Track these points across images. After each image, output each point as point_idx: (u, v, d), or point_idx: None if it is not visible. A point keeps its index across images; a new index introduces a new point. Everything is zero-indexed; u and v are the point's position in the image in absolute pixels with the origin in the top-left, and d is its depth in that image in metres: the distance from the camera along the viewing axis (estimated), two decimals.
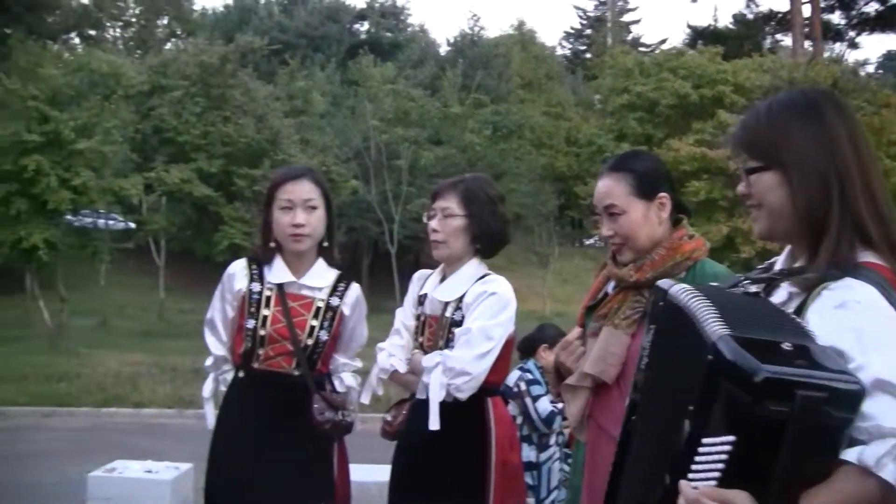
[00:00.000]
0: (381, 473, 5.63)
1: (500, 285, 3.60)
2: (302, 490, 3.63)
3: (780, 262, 2.13)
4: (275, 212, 3.69)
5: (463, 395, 3.48)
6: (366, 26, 46.72)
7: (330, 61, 38.68)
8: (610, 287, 3.07)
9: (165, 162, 23.84)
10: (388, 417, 3.82)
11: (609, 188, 2.98)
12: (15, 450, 9.91)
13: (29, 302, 22.47)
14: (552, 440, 5.38)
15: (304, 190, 3.67)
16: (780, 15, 42.01)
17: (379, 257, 32.60)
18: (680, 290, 1.97)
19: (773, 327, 1.80)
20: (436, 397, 3.47)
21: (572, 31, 64.71)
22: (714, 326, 1.76)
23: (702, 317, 1.81)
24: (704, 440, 1.71)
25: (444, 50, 46.86)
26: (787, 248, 2.12)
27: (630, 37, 60.85)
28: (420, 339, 3.73)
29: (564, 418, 5.06)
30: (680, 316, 1.91)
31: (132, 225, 27.21)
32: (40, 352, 16.06)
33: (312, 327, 3.68)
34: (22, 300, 24.05)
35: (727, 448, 1.69)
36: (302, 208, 3.65)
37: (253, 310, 3.67)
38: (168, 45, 42.10)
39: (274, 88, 30.00)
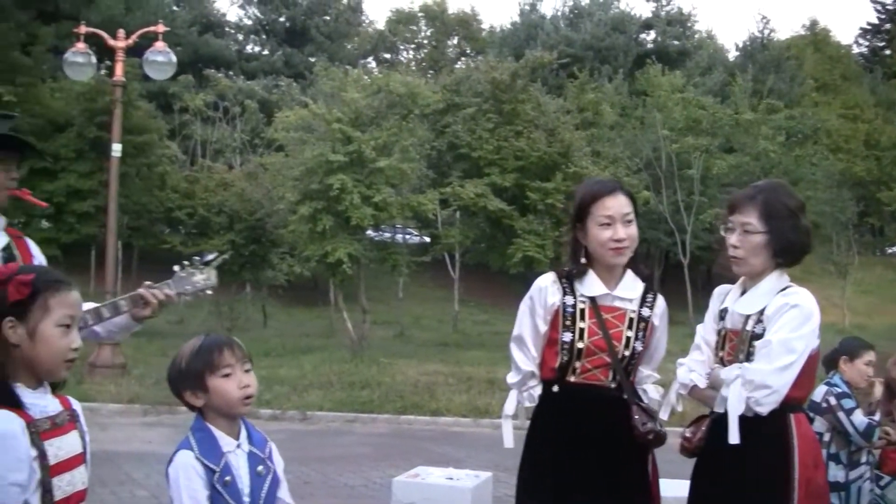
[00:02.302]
0: (676, 488, 5.52)
1: (803, 297, 3.45)
2: None
3: None
4: (592, 227, 3.68)
5: (763, 410, 3.34)
6: (652, 35, 46.33)
7: (617, 72, 38.55)
8: None
9: (460, 177, 24.40)
10: (688, 433, 3.73)
11: None
12: (322, 452, 10.36)
13: (333, 313, 23.63)
14: (863, 458, 5.09)
15: (622, 204, 3.66)
16: None
17: (670, 268, 32.11)
18: None
19: None
20: (735, 410, 3.36)
21: (869, 27, 61.18)
22: None
23: None
24: None
25: (732, 55, 45.78)
26: None
27: None
28: (720, 354, 3.62)
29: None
30: None
31: (427, 239, 28.10)
32: (344, 360, 16.70)
33: (628, 338, 3.66)
34: (327, 312, 25.34)
35: None
36: (621, 223, 3.63)
37: (568, 323, 3.67)
38: (458, 64, 43.28)
39: (563, 101, 30.18)
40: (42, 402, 2.56)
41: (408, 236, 29.30)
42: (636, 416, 3.58)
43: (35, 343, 2.52)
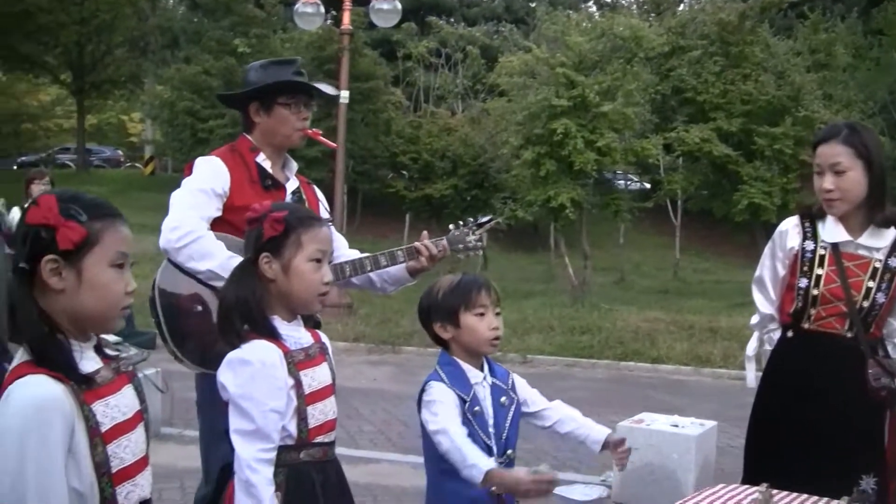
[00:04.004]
0: None
1: None
2: (849, 459, 3.50)
3: None
4: (814, 173, 3.62)
5: None
6: None
7: (851, 11, 36.66)
8: None
9: (684, 122, 23.88)
10: None
11: None
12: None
13: (553, 258, 23.69)
14: None
15: (830, 153, 3.52)
16: None
17: None
18: None
19: None
20: None
21: None
22: None
23: None
24: None
25: None
26: None
27: None
28: None
29: None
30: None
31: (647, 185, 27.69)
32: (564, 305, 16.69)
33: (869, 288, 3.51)
34: (546, 257, 25.44)
35: None
36: (830, 172, 3.52)
37: (805, 268, 3.57)
38: (681, 6, 42.20)
39: (793, 43, 28.97)
40: (296, 335, 2.69)
41: (629, 182, 28.96)
42: (871, 371, 3.45)
43: (289, 277, 2.66)
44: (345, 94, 16.31)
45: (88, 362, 2.09)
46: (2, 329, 7.25)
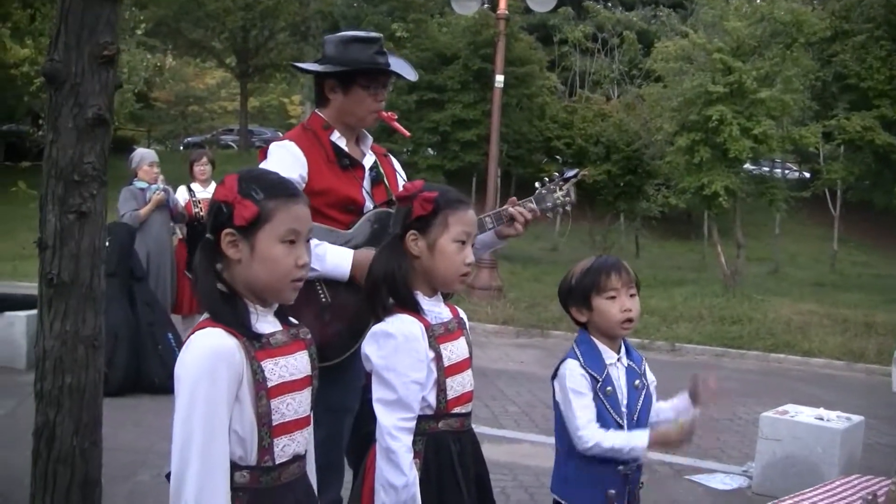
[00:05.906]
0: None
1: None
2: None
3: None
4: None
5: None
6: None
7: None
8: None
9: (846, 109, 23.15)
10: None
11: None
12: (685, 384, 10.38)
13: (706, 247, 23.37)
14: None
15: None
16: None
17: None
18: None
19: None
20: None
21: None
22: None
23: None
24: None
25: None
26: None
27: None
28: None
29: None
30: None
31: (805, 174, 26.96)
32: (715, 295, 16.47)
33: None
34: (699, 245, 25.13)
35: None
36: None
37: None
38: None
39: None
40: (437, 310, 2.85)
41: (786, 171, 28.28)
42: None
43: (434, 256, 2.81)
44: (500, 79, 16.44)
45: (266, 325, 2.36)
46: (167, 300, 7.60)
